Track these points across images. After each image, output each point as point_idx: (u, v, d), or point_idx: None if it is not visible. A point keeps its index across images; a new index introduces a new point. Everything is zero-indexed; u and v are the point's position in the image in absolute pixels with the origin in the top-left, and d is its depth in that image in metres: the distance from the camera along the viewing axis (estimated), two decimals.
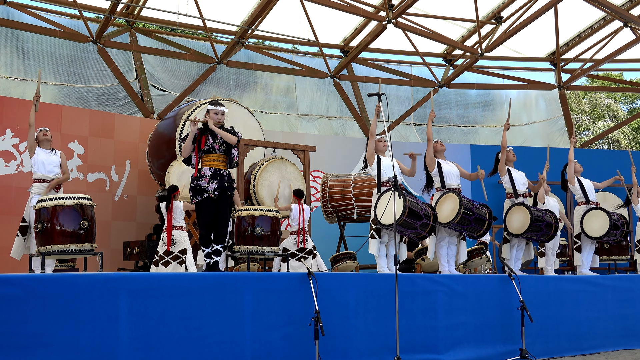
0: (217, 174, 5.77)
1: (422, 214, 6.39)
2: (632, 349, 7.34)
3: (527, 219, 7.39)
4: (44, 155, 6.64)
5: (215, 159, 5.83)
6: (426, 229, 6.48)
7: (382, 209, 6.27)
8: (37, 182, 6.52)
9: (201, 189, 5.73)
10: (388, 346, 5.45)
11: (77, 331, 4.21)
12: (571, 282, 7.28)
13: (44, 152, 6.66)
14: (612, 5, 12.67)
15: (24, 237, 6.53)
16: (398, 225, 6.13)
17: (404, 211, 6.16)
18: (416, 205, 6.42)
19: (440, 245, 6.97)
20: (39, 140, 6.72)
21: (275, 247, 6.66)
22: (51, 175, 6.56)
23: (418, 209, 6.38)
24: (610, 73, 18.68)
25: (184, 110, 9.85)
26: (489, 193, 7.55)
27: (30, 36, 11.62)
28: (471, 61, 13.79)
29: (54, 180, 6.56)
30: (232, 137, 5.79)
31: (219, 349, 4.73)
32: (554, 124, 15.74)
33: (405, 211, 6.18)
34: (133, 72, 12.50)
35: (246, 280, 5.04)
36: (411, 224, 6.36)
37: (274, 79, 14.23)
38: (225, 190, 5.79)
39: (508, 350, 6.29)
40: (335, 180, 10.24)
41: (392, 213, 5.88)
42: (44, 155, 6.64)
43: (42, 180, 6.50)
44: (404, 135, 14.81)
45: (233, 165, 5.93)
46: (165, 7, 11.63)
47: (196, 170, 5.79)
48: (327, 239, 10.74)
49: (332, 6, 11.62)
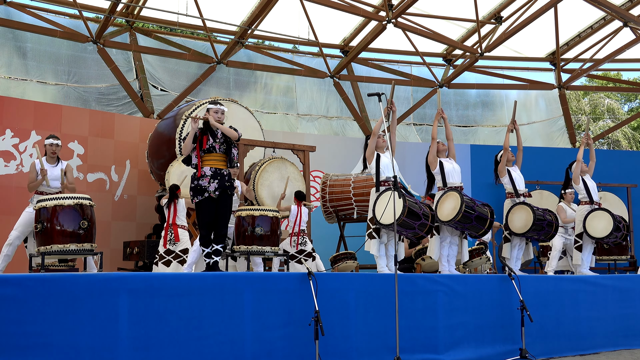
0: (217, 173, 5.78)
1: (420, 214, 6.39)
2: (632, 349, 7.34)
3: (530, 218, 7.39)
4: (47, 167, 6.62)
5: (216, 158, 5.84)
6: (424, 229, 6.50)
7: (381, 209, 6.27)
8: (37, 193, 6.51)
9: (202, 189, 5.74)
10: (388, 346, 5.45)
11: (77, 331, 4.21)
12: (571, 282, 7.27)
13: (48, 166, 6.63)
14: (612, 5, 12.67)
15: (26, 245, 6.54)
16: (397, 225, 6.13)
17: (403, 211, 6.15)
18: (415, 205, 6.42)
19: (442, 246, 6.97)
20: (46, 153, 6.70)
21: (276, 247, 6.66)
22: (52, 189, 6.54)
23: (417, 209, 6.39)
24: (609, 73, 18.69)
25: (184, 110, 9.85)
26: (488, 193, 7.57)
27: (30, 36, 11.62)
28: (471, 61, 13.80)
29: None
30: (233, 132, 5.81)
31: (219, 349, 4.72)
32: (554, 123, 15.75)
33: (404, 211, 6.16)
34: (133, 72, 12.50)
35: (246, 280, 5.04)
36: (410, 224, 6.36)
37: (273, 79, 14.23)
38: (225, 190, 5.80)
39: (508, 350, 6.28)
40: (335, 180, 10.24)
41: (392, 213, 5.87)
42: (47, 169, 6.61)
43: (44, 193, 6.48)
44: (403, 135, 14.82)
45: (233, 165, 5.93)
46: (165, 7, 11.63)
47: (199, 170, 5.79)
48: (327, 239, 10.74)
49: (332, 6, 11.62)
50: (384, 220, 6.22)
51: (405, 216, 6.21)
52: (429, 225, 6.50)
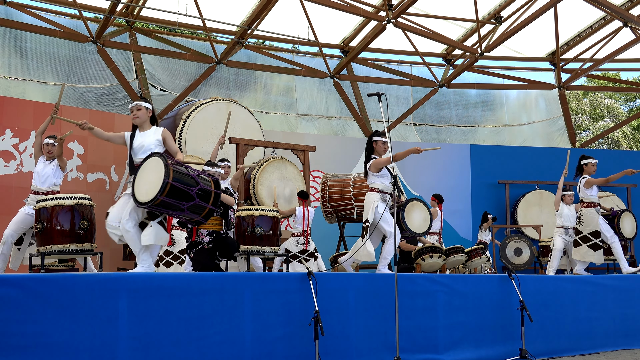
0: (213, 235, 5.92)
1: (193, 194, 4.95)
2: (632, 349, 7.34)
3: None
4: (41, 165, 6.62)
5: (212, 221, 5.94)
6: (202, 213, 5.09)
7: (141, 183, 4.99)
8: (32, 193, 6.51)
9: (197, 243, 5.83)
10: (388, 346, 5.45)
11: (76, 331, 4.20)
12: (571, 282, 7.27)
13: (43, 163, 6.63)
14: (612, 5, 12.67)
15: (19, 247, 6.54)
16: (153, 205, 4.89)
17: (162, 188, 4.79)
18: (189, 179, 4.97)
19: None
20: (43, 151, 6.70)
21: (276, 247, 6.66)
22: (44, 187, 6.52)
23: (186, 187, 4.91)
24: (609, 73, 18.69)
25: (183, 110, 9.86)
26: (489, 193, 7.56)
27: (30, 36, 11.62)
28: (471, 61, 13.80)
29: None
30: (229, 199, 5.92)
31: (218, 349, 4.72)
32: (554, 123, 15.75)
33: (164, 189, 4.80)
34: (133, 72, 12.50)
35: (246, 280, 5.03)
36: (174, 205, 4.94)
37: (273, 79, 14.24)
38: (219, 235, 5.95)
39: (508, 350, 6.28)
40: (335, 180, 10.24)
41: (148, 189, 4.84)
42: (41, 166, 6.61)
43: (37, 192, 6.47)
44: (403, 135, 14.82)
45: (230, 227, 6.05)
46: (165, 7, 11.63)
47: (194, 235, 5.85)
48: (327, 239, 10.74)
49: (332, 6, 11.62)
50: (140, 196, 4.94)
51: (165, 195, 4.82)
52: (209, 208, 5.08)
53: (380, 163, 6.29)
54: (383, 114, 5.89)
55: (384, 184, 6.32)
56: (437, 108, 15.37)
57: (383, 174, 6.36)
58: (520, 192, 13.70)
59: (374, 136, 6.52)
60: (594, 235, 8.34)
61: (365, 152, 6.58)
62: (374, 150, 6.47)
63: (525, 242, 10.71)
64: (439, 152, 13.69)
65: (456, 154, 13.87)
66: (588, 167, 8.49)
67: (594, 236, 8.34)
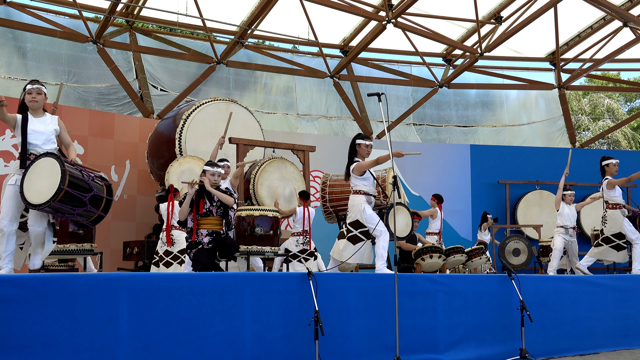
0: (213, 235, 5.94)
1: (86, 200, 4.90)
2: (632, 349, 7.33)
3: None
4: None
5: (213, 221, 5.95)
6: (91, 217, 5.06)
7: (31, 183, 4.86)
8: None
9: (196, 243, 5.89)
10: (388, 346, 5.45)
11: (76, 331, 4.20)
12: (571, 282, 7.27)
13: None
14: (612, 5, 12.68)
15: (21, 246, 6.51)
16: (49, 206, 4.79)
17: (56, 194, 4.72)
18: (84, 184, 4.93)
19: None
20: None
21: (276, 247, 6.66)
22: None
23: (80, 194, 4.87)
24: (609, 73, 18.69)
25: (183, 110, 9.85)
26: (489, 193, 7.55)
27: (30, 36, 11.62)
28: (471, 61, 13.80)
29: None
30: (228, 199, 5.92)
31: (218, 349, 4.72)
32: (554, 123, 15.76)
33: (58, 194, 4.73)
34: (133, 72, 12.50)
35: (246, 280, 5.04)
36: (64, 209, 4.90)
37: (273, 79, 14.24)
38: (219, 235, 5.96)
39: (508, 350, 6.28)
40: (335, 180, 10.23)
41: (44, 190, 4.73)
42: None
43: None
44: (403, 135, 14.82)
45: (230, 228, 6.10)
46: (165, 7, 11.63)
47: (194, 235, 5.86)
48: (326, 239, 10.72)
49: (332, 6, 11.63)
50: (30, 196, 4.81)
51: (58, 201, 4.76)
52: (97, 214, 5.06)
53: (364, 166, 6.48)
54: (383, 114, 5.91)
55: (368, 187, 6.55)
56: (437, 108, 15.37)
57: (366, 177, 6.56)
58: (520, 192, 13.71)
59: (357, 139, 6.66)
60: (616, 236, 8.32)
61: (348, 155, 6.69)
62: (357, 153, 6.62)
63: (524, 243, 10.72)
64: (439, 152, 13.71)
65: (456, 154, 13.88)
66: (610, 168, 8.42)
67: (617, 237, 8.31)
